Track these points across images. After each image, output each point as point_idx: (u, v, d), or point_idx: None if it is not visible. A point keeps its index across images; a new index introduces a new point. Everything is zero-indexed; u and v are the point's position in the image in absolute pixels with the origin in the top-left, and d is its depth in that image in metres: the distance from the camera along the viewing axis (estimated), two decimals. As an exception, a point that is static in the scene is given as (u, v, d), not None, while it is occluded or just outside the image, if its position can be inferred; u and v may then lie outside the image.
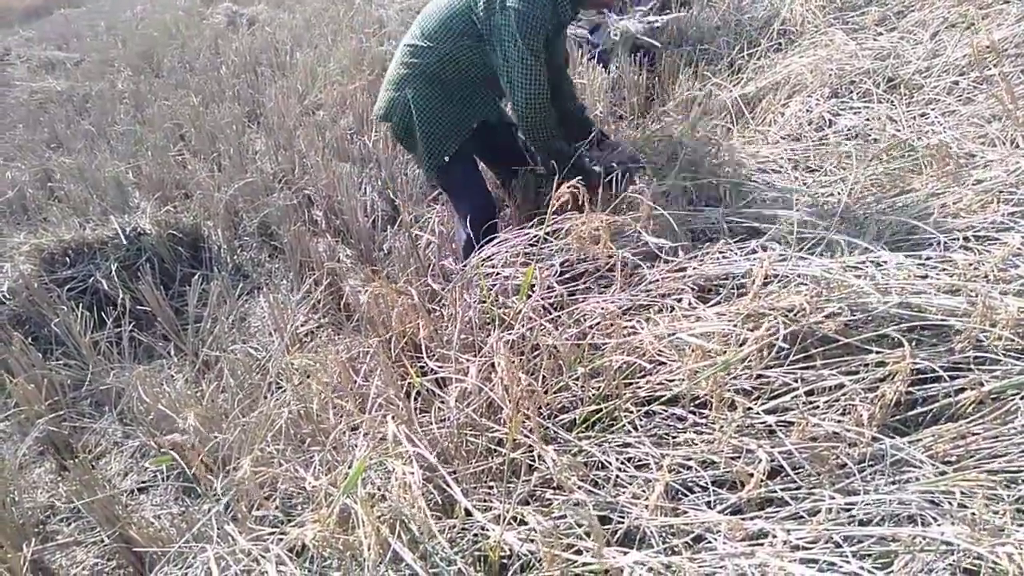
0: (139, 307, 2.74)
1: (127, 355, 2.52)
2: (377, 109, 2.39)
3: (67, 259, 2.99)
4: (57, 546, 1.98)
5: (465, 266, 2.06)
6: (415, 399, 1.75)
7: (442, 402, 1.65)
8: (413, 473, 1.33)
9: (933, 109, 2.43)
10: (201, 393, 2.16)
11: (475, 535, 1.36)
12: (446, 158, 2.25)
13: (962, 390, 1.36)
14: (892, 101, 2.52)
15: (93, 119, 5.20)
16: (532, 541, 1.23)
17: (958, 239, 1.71)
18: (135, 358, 2.58)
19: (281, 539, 1.36)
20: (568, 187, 1.56)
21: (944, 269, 1.61)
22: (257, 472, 1.55)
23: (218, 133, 4.13)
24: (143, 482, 2.16)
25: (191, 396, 2.13)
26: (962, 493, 1.18)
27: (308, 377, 1.87)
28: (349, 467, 1.48)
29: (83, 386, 2.51)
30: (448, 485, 1.36)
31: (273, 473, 1.58)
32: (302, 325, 2.61)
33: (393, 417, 1.50)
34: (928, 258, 1.66)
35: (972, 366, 1.39)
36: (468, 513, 1.34)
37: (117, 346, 2.55)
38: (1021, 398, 1.31)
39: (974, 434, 1.29)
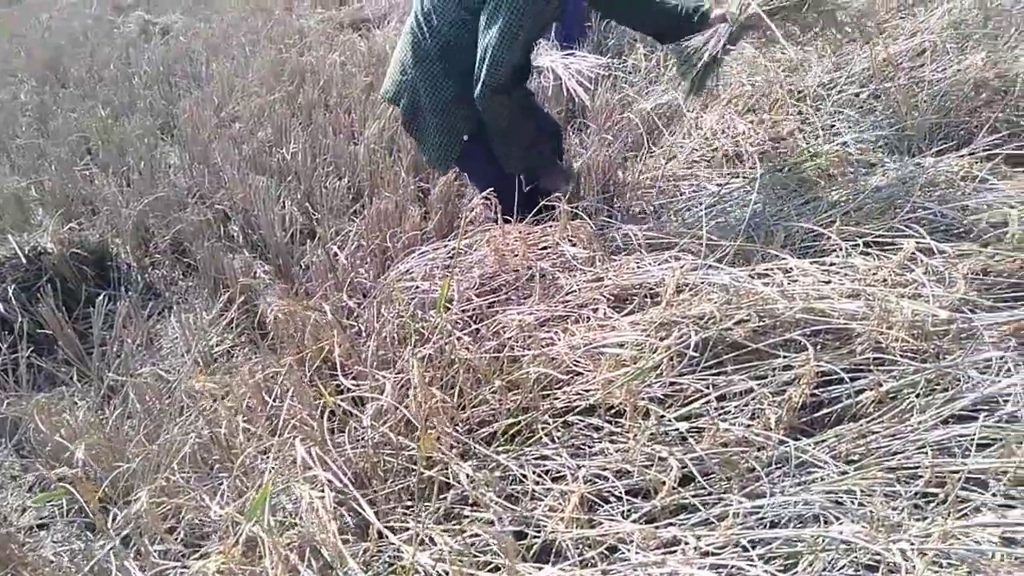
0: (39, 331, 2.57)
1: (24, 383, 2.36)
2: (384, 91, 2.21)
3: (-41, 281, 2.79)
4: (-57, 592, 1.83)
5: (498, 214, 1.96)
6: (330, 419, 1.69)
7: (358, 421, 1.61)
8: (323, 497, 1.28)
9: (837, 119, 2.53)
10: (104, 420, 2.04)
11: (390, 556, 1.32)
12: (464, 137, 2.08)
13: (862, 391, 1.41)
14: (800, 111, 2.62)
15: (-8, 132, 4.90)
16: (446, 561, 1.20)
17: (859, 245, 1.78)
18: (34, 386, 2.42)
19: (183, 573, 1.29)
20: (481, 199, 1.55)
21: (846, 274, 1.67)
22: (159, 503, 1.47)
23: (128, 146, 3.95)
24: (42, 518, 2.02)
25: (93, 424, 2.01)
26: (862, 491, 1.21)
27: (215, 401, 1.79)
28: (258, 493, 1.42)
29: (-25, 417, 2.34)
30: (362, 508, 1.31)
31: (177, 503, 1.50)
32: (217, 345, 2.50)
33: (305, 439, 1.45)
34: (832, 264, 1.72)
35: (872, 367, 1.44)
36: (382, 535, 1.30)
37: (14, 373, 2.39)
38: (916, 396, 1.37)
39: (874, 432, 1.33)
